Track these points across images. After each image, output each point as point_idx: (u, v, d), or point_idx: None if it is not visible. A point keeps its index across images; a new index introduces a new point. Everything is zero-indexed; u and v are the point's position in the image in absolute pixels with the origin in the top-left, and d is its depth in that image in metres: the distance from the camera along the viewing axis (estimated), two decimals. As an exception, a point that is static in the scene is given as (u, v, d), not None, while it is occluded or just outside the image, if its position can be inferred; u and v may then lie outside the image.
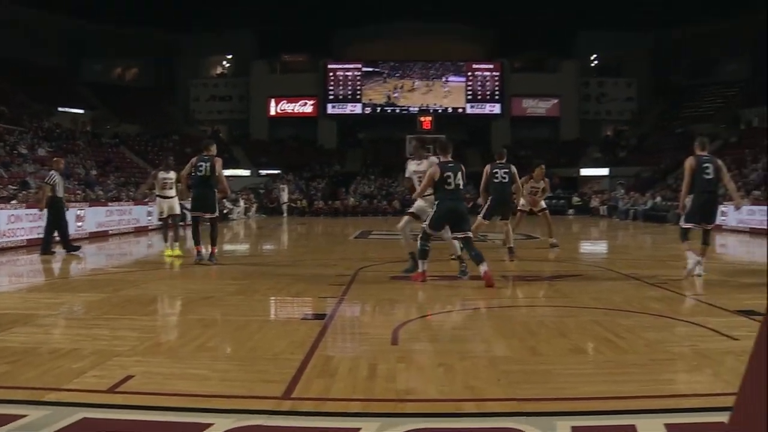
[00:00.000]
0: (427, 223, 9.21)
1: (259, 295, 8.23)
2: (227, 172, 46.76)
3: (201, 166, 11.68)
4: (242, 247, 18.78)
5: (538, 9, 38.32)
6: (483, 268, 8.63)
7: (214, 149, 12.06)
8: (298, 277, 9.82)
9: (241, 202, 37.22)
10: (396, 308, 7.26)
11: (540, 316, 6.66)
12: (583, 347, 5.38)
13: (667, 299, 7.82)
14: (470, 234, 9.16)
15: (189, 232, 13.43)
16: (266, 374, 4.42)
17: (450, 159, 9.24)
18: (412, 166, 10.05)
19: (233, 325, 6.15)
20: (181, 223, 14.28)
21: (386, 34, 51.80)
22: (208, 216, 11.77)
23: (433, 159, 9.63)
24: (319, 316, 6.66)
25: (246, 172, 47.66)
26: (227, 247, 18.75)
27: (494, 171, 11.86)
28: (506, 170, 11.83)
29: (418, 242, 9.27)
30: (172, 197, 13.69)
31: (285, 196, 39.94)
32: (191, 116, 53.99)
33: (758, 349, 1.74)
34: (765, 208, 21.81)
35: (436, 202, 9.07)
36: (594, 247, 18.83)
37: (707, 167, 9.53)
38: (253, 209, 38.29)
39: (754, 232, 21.56)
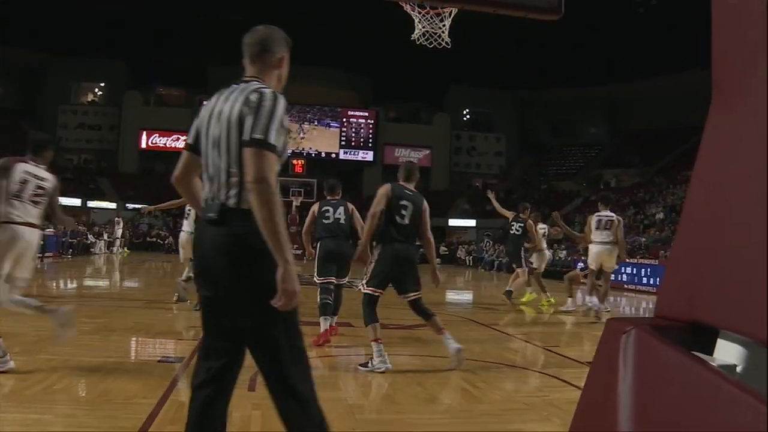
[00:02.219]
0: (315, 273, 8.37)
1: (116, 335, 7.92)
2: (93, 204, 45.39)
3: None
4: (103, 283, 18.11)
5: (412, 62, 39.39)
6: (324, 324, 7.96)
7: None
8: (158, 317, 9.55)
9: (105, 236, 35.97)
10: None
11: (398, 364, 6.75)
12: (438, 396, 5.48)
13: (524, 350, 8.10)
14: (344, 282, 8.57)
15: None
16: (115, 420, 4.26)
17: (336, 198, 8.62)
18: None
19: (85, 366, 5.90)
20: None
21: (264, 75, 51.83)
22: None
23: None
24: (176, 359, 6.50)
25: (112, 205, 46.21)
26: (87, 282, 18.05)
27: (511, 223, 14.29)
28: (521, 224, 14.13)
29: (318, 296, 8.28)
30: None
31: (119, 231, 37.22)
32: (57, 143, 51.84)
33: (584, 393, 1.87)
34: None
35: (317, 243, 8.37)
36: (458, 297, 19.26)
37: None
38: (118, 243, 37.05)
39: (613, 287, 22.68)
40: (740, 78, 1.65)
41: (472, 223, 49.72)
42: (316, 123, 52.77)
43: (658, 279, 20.39)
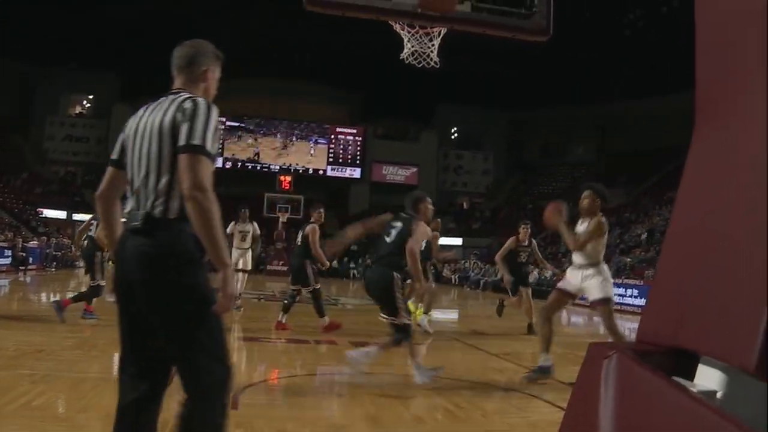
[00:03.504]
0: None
1: (97, 351, 7.84)
2: (78, 217, 45.19)
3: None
4: (86, 297, 17.96)
5: (401, 79, 39.50)
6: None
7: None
8: (141, 332, 9.48)
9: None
10: (241, 370, 7.11)
11: (382, 383, 6.72)
12: (422, 416, 5.45)
13: (508, 371, 8.07)
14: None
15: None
16: (95, 436, 4.23)
17: None
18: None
19: (66, 382, 5.84)
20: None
21: (253, 90, 51.85)
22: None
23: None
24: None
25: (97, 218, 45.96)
26: (70, 295, 17.90)
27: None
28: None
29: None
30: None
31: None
32: (44, 155, 51.57)
33: (566, 418, 1.87)
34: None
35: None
36: (443, 316, 19.22)
37: None
38: (105, 257, 36.77)
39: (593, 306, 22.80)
40: (724, 99, 1.66)
41: (458, 241, 49.71)
42: (304, 139, 52.73)
43: (643, 299, 20.45)
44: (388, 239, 6.71)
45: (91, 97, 54.81)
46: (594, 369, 1.68)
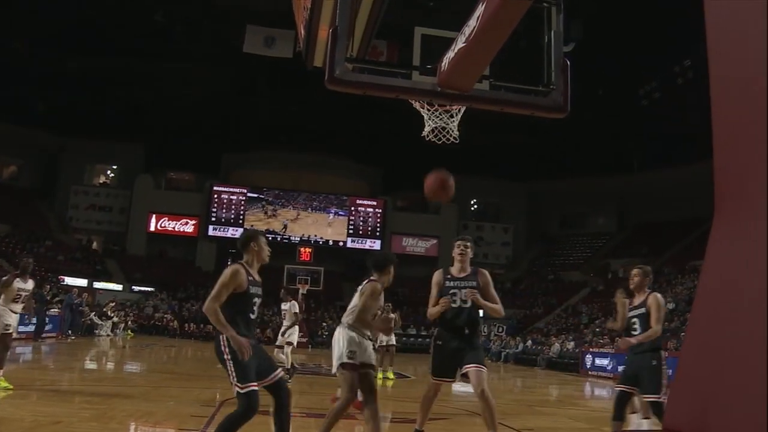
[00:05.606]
0: None
1: (116, 423, 7.79)
2: (98, 285, 45.49)
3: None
4: (104, 367, 17.95)
5: (421, 151, 39.58)
6: None
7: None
8: (160, 404, 9.43)
9: (113, 317, 35.85)
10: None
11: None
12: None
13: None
14: None
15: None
16: None
17: None
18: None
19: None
20: None
21: (274, 162, 52.47)
22: None
23: None
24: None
25: (118, 287, 46.22)
26: (88, 365, 17.89)
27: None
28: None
29: None
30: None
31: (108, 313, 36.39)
32: (67, 223, 52.15)
33: None
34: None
35: None
36: (463, 389, 18.94)
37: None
38: (122, 326, 36.86)
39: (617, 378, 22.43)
40: (740, 199, 1.67)
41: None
42: (324, 211, 52.95)
43: (670, 371, 20.10)
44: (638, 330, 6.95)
45: (115, 167, 55.72)
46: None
